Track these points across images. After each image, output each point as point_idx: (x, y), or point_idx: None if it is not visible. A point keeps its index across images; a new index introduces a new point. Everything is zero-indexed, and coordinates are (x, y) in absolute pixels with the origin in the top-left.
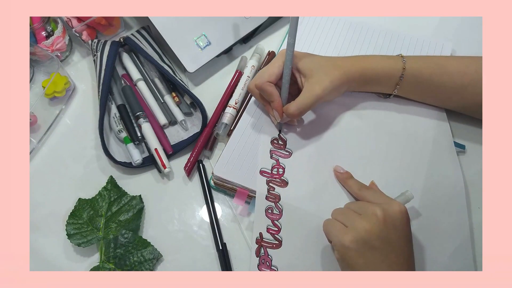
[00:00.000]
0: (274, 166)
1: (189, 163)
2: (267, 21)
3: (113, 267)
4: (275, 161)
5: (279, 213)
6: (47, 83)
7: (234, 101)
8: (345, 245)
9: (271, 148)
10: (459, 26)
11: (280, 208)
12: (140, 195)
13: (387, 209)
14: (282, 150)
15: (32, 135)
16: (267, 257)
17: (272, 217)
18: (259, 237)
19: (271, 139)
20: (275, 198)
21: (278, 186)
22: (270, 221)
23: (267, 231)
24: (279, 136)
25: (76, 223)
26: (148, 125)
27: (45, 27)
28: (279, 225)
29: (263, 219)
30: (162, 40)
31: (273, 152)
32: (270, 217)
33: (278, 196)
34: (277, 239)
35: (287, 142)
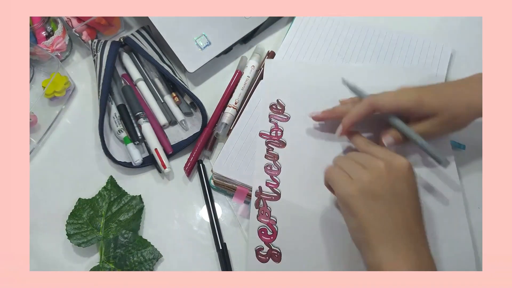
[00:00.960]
0: (273, 129)
1: (189, 163)
2: (267, 21)
3: (113, 267)
4: (274, 124)
5: (278, 170)
6: (47, 83)
7: (234, 101)
8: (350, 194)
9: (270, 112)
10: (459, 26)
11: (278, 166)
12: (140, 195)
13: (392, 161)
14: (280, 115)
15: (32, 135)
16: (266, 209)
17: (271, 173)
18: (258, 190)
19: (270, 104)
20: (274, 157)
21: (277, 147)
22: (269, 176)
23: (266, 185)
24: (278, 102)
25: (76, 223)
26: (148, 125)
27: (45, 27)
28: (277, 180)
29: (262, 175)
30: (162, 40)
31: (271, 117)
32: (269, 173)
33: (277, 156)
34: (276, 192)
35: (285, 107)
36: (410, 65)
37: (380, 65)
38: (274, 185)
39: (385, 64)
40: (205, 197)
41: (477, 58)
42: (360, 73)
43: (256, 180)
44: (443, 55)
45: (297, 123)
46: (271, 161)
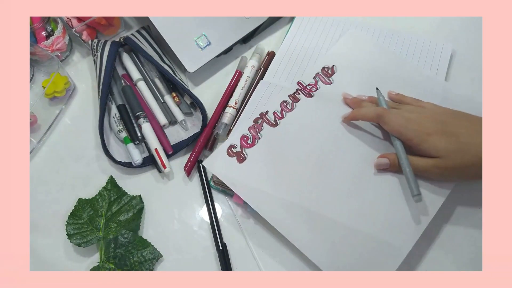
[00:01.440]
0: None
1: (189, 163)
2: (267, 21)
3: (113, 267)
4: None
5: (291, 109)
6: (47, 83)
7: (234, 101)
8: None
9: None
10: (459, 26)
11: (293, 106)
12: (140, 195)
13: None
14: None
15: (32, 135)
16: (260, 127)
17: (283, 108)
18: (264, 112)
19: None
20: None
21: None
22: (280, 109)
23: (273, 113)
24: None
25: (76, 223)
26: (148, 125)
27: (45, 27)
28: (285, 115)
29: (276, 104)
30: (162, 40)
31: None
32: (282, 107)
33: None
34: (276, 122)
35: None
36: None
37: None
38: (279, 117)
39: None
40: (205, 197)
41: (477, 58)
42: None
43: (269, 104)
44: (443, 55)
45: (334, 92)
46: (291, 101)
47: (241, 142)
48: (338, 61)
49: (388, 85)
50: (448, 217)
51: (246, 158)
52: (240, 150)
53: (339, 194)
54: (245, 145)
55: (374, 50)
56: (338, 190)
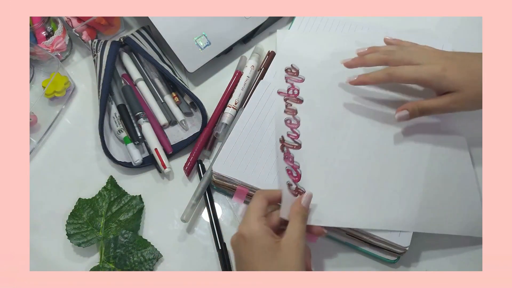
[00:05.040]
0: (290, 88)
1: (189, 163)
2: (267, 21)
3: (113, 267)
4: (290, 84)
5: (297, 123)
6: (47, 83)
7: (234, 101)
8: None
9: (286, 75)
10: (459, 26)
11: (297, 120)
12: (140, 195)
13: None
14: (295, 76)
15: (32, 135)
16: (290, 154)
17: (291, 126)
18: (281, 139)
19: (285, 68)
20: (293, 112)
21: (295, 103)
22: (289, 129)
23: (287, 136)
24: (292, 66)
25: (76, 223)
26: (148, 125)
27: (45, 27)
28: (297, 132)
29: (283, 127)
30: (162, 40)
31: (287, 78)
32: (289, 126)
33: (295, 111)
34: (297, 143)
35: (299, 70)
36: None
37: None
38: (295, 137)
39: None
40: (205, 197)
41: None
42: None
43: (278, 131)
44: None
45: (312, 83)
46: (291, 116)
47: (292, 178)
48: (292, 60)
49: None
50: None
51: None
52: (296, 186)
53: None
54: (296, 179)
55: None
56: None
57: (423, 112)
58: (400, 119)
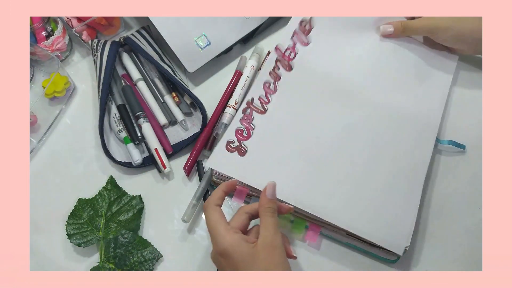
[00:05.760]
0: (289, 48)
1: (189, 163)
2: (267, 21)
3: (113, 267)
4: (293, 43)
5: (274, 91)
6: (47, 83)
7: (234, 101)
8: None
9: (297, 29)
10: None
11: (276, 87)
12: (140, 195)
13: None
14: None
15: (32, 135)
16: (250, 116)
17: (267, 91)
18: (250, 100)
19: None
20: (276, 77)
21: (283, 68)
22: (264, 92)
23: (258, 99)
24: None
25: (76, 223)
26: (148, 125)
27: (45, 27)
28: (270, 99)
29: (258, 89)
30: (162, 40)
31: (295, 34)
32: (265, 90)
33: (279, 77)
34: (264, 109)
35: (312, 30)
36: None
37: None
38: (265, 102)
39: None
40: (204, 198)
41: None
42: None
43: (252, 92)
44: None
45: (314, 53)
46: (272, 79)
47: (237, 137)
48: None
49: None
50: (448, 217)
51: (247, 150)
52: (238, 144)
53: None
54: (242, 138)
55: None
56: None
57: (405, 29)
58: (384, 33)
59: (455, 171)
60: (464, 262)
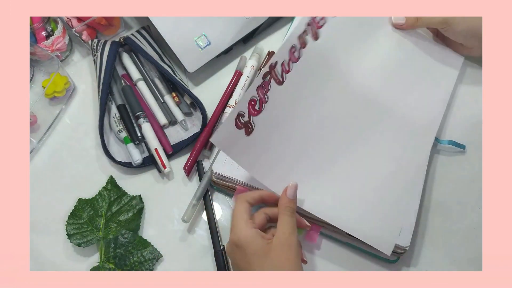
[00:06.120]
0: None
1: (189, 163)
2: (267, 21)
3: (113, 267)
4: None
5: (297, 58)
6: (47, 83)
7: (234, 101)
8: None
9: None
10: None
11: (300, 55)
12: (140, 195)
13: None
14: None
15: (32, 135)
16: (268, 86)
17: (290, 57)
18: (273, 64)
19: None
20: (302, 43)
21: (311, 35)
22: (287, 58)
23: (281, 64)
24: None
25: (76, 223)
26: (148, 125)
27: (45, 27)
28: (291, 68)
29: (285, 52)
30: (162, 40)
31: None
32: (289, 55)
33: (305, 44)
34: (282, 78)
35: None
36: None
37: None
38: (286, 71)
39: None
40: (204, 199)
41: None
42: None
43: (278, 54)
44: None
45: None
46: (298, 45)
47: (249, 109)
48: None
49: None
50: (448, 217)
51: (253, 129)
52: (248, 119)
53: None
54: (253, 113)
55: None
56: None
57: (418, 20)
58: (396, 24)
59: (455, 171)
60: (464, 262)
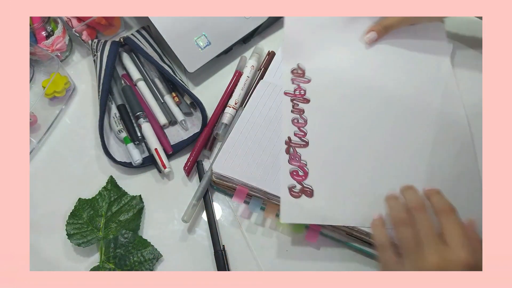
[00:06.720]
0: (296, 89)
1: (189, 163)
2: (267, 21)
3: (113, 267)
4: (297, 85)
5: (304, 122)
6: (47, 83)
7: (234, 101)
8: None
9: (292, 76)
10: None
11: (305, 119)
12: (140, 195)
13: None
14: (302, 78)
15: (32, 135)
16: (296, 154)
17: (298, 125)
18: (287, 139)
19: (292, 69)
20: (300, 111)
21: (301, 103)
22: (296, 128)
23: (294, 135)
24: (298, 66)
25: (76, 223)
26: (148, 125)
27: (45, 27)
28: (305, 130)
29: (290, 127)
30: (162, 40)
31: (293, 80)
32: (296, 125)
33: (302, 110)
34: (304, 141)
35: (305, 71)
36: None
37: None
38: (302, 135)
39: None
40: (204, 199)
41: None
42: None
43: (285, 131)
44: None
45: (319, 83)
46: (297, 115)
47: (295, 179)
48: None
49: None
50: None
51: (313, 189)
52: (301, 186)
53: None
54: (301, 178)
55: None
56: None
57: (387, 28)
58: (370, 41)
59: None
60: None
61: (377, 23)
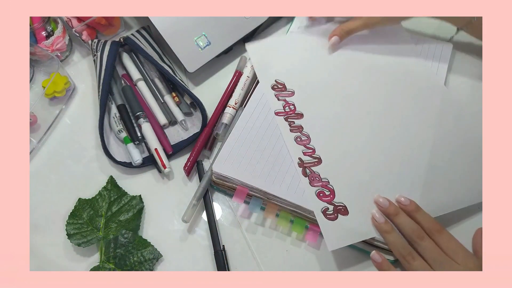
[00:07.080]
0: (285, 106)
1: (189, 163)
2: (267, 21)
3: (113, 267)
4: (283, 101)
5: (307, 139)
6: (47, 83)
7: (234, 101)
8: None
9: (274, 93)
10: None
11: (306, 135)
12: (140, 195)
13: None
14: (284, 91)
15: (32, 135)
16: (314, 174)
17: (303, 143)
18: (299, 162)
19: (271, 86)
20: (299, 129)
21: (296, 119)
22: (303, 146)
23: (304, 154)
24: (276, 82)
25: (76, 223)
26: (148, 125)
27: (45, 27)
28: (312, 147)
29: (296, 147)
30: (162, 40)
31: (278, 96)
32: (301, 144)
33: (300, 126)
34: (316, 158)
35: (285, 84)
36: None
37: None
38: (311, 152)
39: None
40: (204, 199)
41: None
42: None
43: (293, 153)
44: (443, 54)
45: (304, 93)
46: (298, 133)
47: (324, 201)
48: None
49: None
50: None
51: (346, 206)
52: (334, 206)
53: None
54: (329, 198)
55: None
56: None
57: (348, 32)
58: (334, 45)
59: None
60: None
61: (339, 27)
